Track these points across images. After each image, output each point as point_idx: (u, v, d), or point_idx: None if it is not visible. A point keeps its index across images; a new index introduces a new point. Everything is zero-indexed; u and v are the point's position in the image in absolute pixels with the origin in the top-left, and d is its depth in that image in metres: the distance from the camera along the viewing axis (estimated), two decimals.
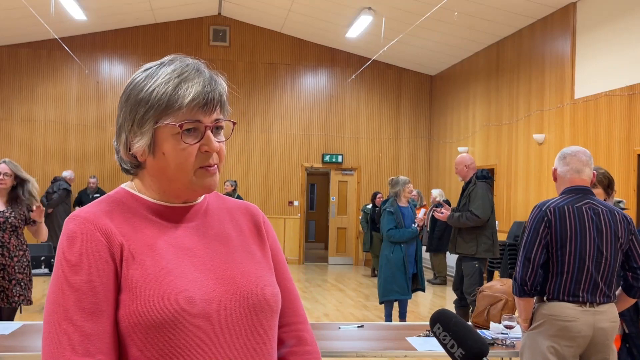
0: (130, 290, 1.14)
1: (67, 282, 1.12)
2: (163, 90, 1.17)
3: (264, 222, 1.38)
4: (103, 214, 1.19)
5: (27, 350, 3.19)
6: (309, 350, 1.35)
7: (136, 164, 1.24)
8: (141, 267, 1.16)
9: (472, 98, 12.08)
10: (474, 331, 1.33)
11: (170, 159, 1.19)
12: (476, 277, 6.24)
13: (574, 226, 3.01)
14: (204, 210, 1.30)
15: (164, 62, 1.23)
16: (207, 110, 1.19)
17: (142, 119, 1.19)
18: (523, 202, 9.95)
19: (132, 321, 1.12)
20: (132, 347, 1.13)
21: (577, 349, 2.99)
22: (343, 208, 13.91)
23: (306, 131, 13.68)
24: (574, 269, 2.99)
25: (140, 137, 1.20)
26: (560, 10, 9.12)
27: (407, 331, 3.84)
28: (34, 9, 9.91)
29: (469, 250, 6.29)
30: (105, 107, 13.02)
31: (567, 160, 3.18)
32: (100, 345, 1.10)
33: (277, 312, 1.28)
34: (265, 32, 13.48)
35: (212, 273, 1.20)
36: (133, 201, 1.24)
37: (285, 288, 1.35)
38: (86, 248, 1.14)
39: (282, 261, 1.38)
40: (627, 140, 7.66)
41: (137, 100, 1.19)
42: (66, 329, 1.09)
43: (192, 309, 1.13)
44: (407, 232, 6.41)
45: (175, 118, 1.17)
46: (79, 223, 1.16)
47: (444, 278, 10.89)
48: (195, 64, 1.23)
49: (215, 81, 1.22)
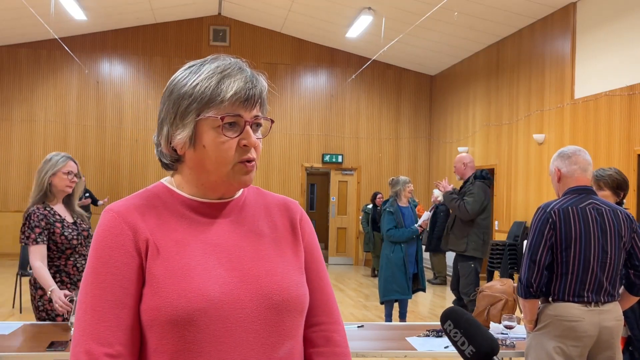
0: (152, 285, 1.17)
1: (95, 273, 1.18)
2: (206, 84, 1.20)
3: (301, 219, 1.38)
4: (134, 208, 1.23)
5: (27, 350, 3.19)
6: (337, 351, 1.33)
7: (175, 157, 1.27)
8: (164, 262, 1.18)
9: (472, 98, 12.08)
10: (484, 329, 1.33)
11: (210, 151, 1.21)
12: (472, 277, 6.24)
13: (579, 227, 3.01)
14: (240, 206, 1.31)
15: (207, 60, 1.26)
16: (248, 106, 1.22)
17: (185, 111, 1.22)
18: (523, 202, 9.95)
19: (150, 315, 1.15)
20: (151, 340, 1.17)
21: (584, 349, 3.00)
22: (343, 208, 13.91)
23: (306, 131, 13.68)
24: (579, 269, 2.99)
25: (182, 130, 1.22)
26: (560, 10, 9.12)
27: (407, 331, 3.84)
28: (34, 9, 9.91)
29: (459, 247, 6.31)
30: (105, 107, 13.02)
31: (573, 159, 3.15)
32: (119, 337, 1.15)
33: (302, 312, 1.27)
34: (265, 32, 13.48)
35: (236, 271, 1.21)
36: (169, 196, 1.27)
37: (318, 287, 1.34)
38: (114, 242, 1.18)
39: (318, 260, 1.37)
40: (627, 140, 7.66)
41: (181, 94, 1.22)
42: (90, 318, 1.15)
43: (209, 308, 1.15)
44: (407, 232, 6.41)
45: (217, 111, 1.20)
46: (110, 217, 1.21)
47: (444, 278, 10.89)
48: (237, 62, 1.26)
49: (257, 79, 1.25)
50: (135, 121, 13.10)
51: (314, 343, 1.32)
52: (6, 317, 7.13)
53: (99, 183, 12.81)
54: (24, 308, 7.62)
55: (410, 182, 6.70)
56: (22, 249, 7.81)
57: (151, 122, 13.13)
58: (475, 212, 6.23)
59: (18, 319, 6.88)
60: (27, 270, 7.60)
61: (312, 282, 1.33)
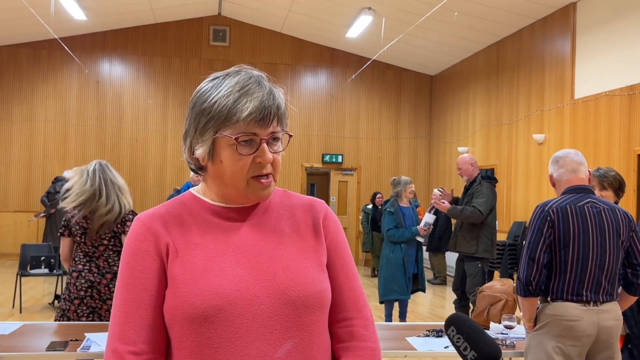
0: (172, 285, 1.24)
1: (122, 278, 1.27)
2: (224, 103, 1.24)
3: (325, 217, 1.39)
4: (159, 215, 1.31)
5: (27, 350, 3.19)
6: (362, 346, 1.34)
7: (199, 166, 1.33)
8: (183, 264, 1.25)
9: (472, 98, 12.08)
10: (487, 335, 1.33)
11: (227, 166, 1.27)
12: (479, 278, 6.24)
13: (577, 226, 3.01)
14: (264, 209, 1.35)
15: (230, 73, 1.30)
16: (263, 125, 1.25)
17: (204, 128, 1.27)
18: (523, 202, 9.95)
19: (170, 314, 1.23)
20: (173, 338, 1.25)
21: (583, 348, 2.99)
22: (343, 208, 13.91)
23: (306, 131, 13.68)
24: (577, 268, 2.99)
25: (202, 145, 1.28)
26: (560, 10, 9.12)
27: (407, 331, 3.84)
28: (34, 9, 9.91)
29: (469, 249, 6.29)
30: (105, 107, 13.02)
31: (561, 162, 3.19)
32: (143, 335, 1.23)
33: (321, 308, 1.29)
34: (265, 32, 13.48)
35: (254, 269, 1.25)
36: (195, 203, 1.34)
37: (344, 283, 1.36)
38: (137, 247, 1.28)
39: (345, 256, 1.39)
40: (627, 140, 7.66)
41: (201, 110, 1.27)
42: (118, 319, 1.25)
43: (223, 304, 1.20)
44: (407, 232, 6.41)
45: (233, 130, 1.24)
46: (135, 225, 1.31)
47: (444, 278, 10.88)
48: (257, 77, 1.29)
49: (274, 96, 1.28)
50: (135, 121, 13.10)
51: (340, 338, 1.34)
52: (6, 317, 7.13)
53: None
54: (24, 308, 7.61)
55: (411, 182, 6.70)
56: (22, 249, 7.82)
57: (151, 122, 13.13)
58: (486, 213, 6.22)
59: (18, 319, 6.89)
60: (27, 270, 7.60)
61: (338, 278, 1.35)
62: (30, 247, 8.00)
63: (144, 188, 12.93)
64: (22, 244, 7.97)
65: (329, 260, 1.35)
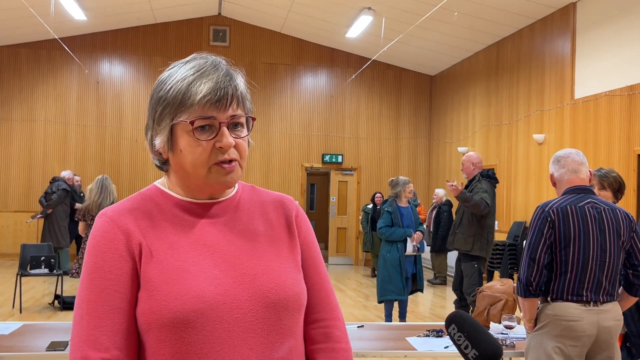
0: (147, 288, 1.16)
1: (90, 279, 1.17)
2: (178, 87, 1.19)
3: (297, 215, 1.35)
4: (127, 211, 1.22)
5: (27, 350, 3.19)
6: (337, 347, 1.31)
7: (162, 160, 1.27)
8: (158, 265, 1.17)
9: (472, 98, 12.08)
10: (488, 333, 1.33)
11: (187, 154, 1.20)
12: (475, 278, 6.26)
13: (577, 226, 3.01)
14: (234, 205, 1.29)
15: (187, 60, 1.24)
16: (221, 107, 1.19)
17: (160, 116, 1.21)
18: (523, 202, 9.95)
19: (147, 319, 1.15)
20: (148, 343, 1.16)
21: (583, 348, 2.99)
22: (343, 208, 13.91)
23: (306, 131, 13.68)
24: (578, 268, 2.99)
25: (160, 135, 1.22)
26: (560, 10, 9.12)
27: (407, 331, 3.84)
28: (34, 9, 9.91)
29: (465, 247, 6.32)
30: (105, 107, 13.02)
31: (562, 162, 3.19)
32: (116, 341, 1.14)
33: (300, 310, 1.25)
34: (265, 32, 13.48)
35: (232, 270, 1.20)
36: (162, 198, 1.26)
37: (316, 284, 1.32)
38: (107, 246, 1.18)
39: (315, 257, 1.35)
40: (627, 140, 7.66)
41: (158, 98, 1.22)
42: (86, 324, 1.14)
43: (205, 309, 1.14)
44: (399, 232, 6.41)
45: (189, 115, 1.18)
46: (103, 221, 1.21)
47: (444, 278, 10.89)
48: (214, 61, 1.23)
49: (231, 77, 1.22)
50: (135, 121, 13.10)
51: (314, 340, 1.31)
52: (6, 317, 7.13)
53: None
54: (24, 308, 7.61)
55: (410, 182, 6.71)
56: (22, 249, 7.82)
57: None
58: (491, 206, 6.27)
59: (18, 319, 6.89)
60: (27, 270, 7.60)
61: (311, 278, 1.31)
62: (30, 247, 7.99)
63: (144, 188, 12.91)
64: (22, 244, 7.96)
65: (302, 259, 1.31)
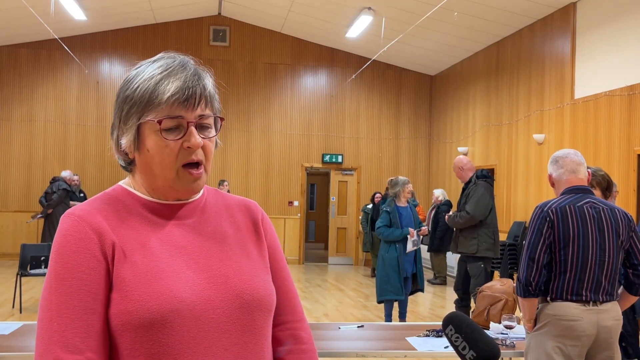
0: (121, 288, 1.14)
1: (59, 280, 1.13)
2: (145, 86, 1.18)
3: (263, 219, 1.37)
4: (97, 211, 1.20)
5: (27, 350, 3.19)
6: (305, 349, 1.33)
7: (128, 160, 1.25)
8: (132, 265, 1.16)
9: (472, 98, 12.08)
10: (485, 334, 1.33)
11: (154, 154, 1.19)
12: (482, 278, 6.26)
13: (576, 226, 3.02)
14: (201, 207, 1.29)
15: (155, 59, 1.24)
16: (189, 106, 1.18)
17: (127, 115, 1.20)
18: (523, 202, 9.95)
19: (121, 320, 1.12)
20: (122, 345, 1.14)
21: (582, 348, 3.00)
22: (343, 208, 13.91)
23: (306, 131, 13.68)
24: (577, 268, 3.00)
25: (126, 134, 1.21)
26: (560, 10, 9.12)
27: (407, 331, 3.84)
28: (34, 9, 9.91)
29: (470, 249, 6.31)
30: (105, 107, 13.02)
31: (560, 163, 3.20)
32: (89, 343, 1.11)
33: (271, 311, 1.27)
34: (265, 32, 13.48)
35: (205, 272, 1.20)
36: (129, 198, 1.25)
37: (282, 286, 1.34)
38: (78, 246, 1.15)
39: (280, 259, 1.37)
40: (627, 140, 7.66)
41: (124, 97, 1.21)
42: (57, 326, 1.10)
43: (181, 309, 1.13)
44: (396, 232, 6.41)
45: (157, 114, 1.18)
46: (72, 221, 1.17)
47: (444, 278, 10.89)
48: (182, 60, 1.22)
49: (199, 76, 1.21)
50: None
51: (281, 341, 1.32)
52: (6, 317, 7.13)
53: (99, 183, 12.81)
54: (24, 308, 7.62)
55: (409, 182, 6.71)
56: (22, 249, 7.82)
57: None
58: (480, 213, 6.24)
59: (18, 319, 6.89)
60: (27, 270, 7.60)
61: (276, 281, 1.33)
62: (30, 247, 8.00)
63: None
64: (22, 244, 7.96)
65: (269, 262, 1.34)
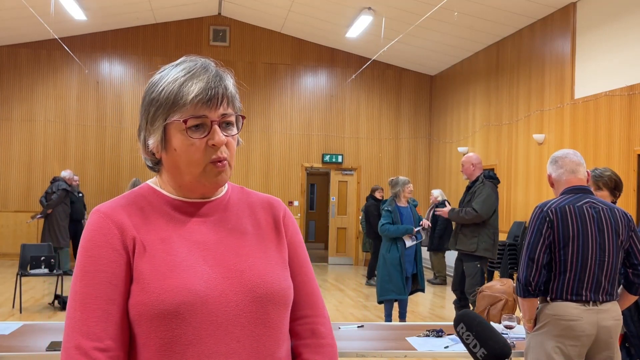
0: (139, 281, 1.21)
1: (84, 271, 1.22)
2: (170, 88, 1.25)
3: (285, 216, 1.41)
4: (121, 208, 1.28)
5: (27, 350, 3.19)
6: (323, 343, 1.36)
7: (155, 160, 1.33)
8: (151, 259, 1.23)
9: (472, 98, 12.08)
10: (496, 332, 1.34)
11: (181, 153, 1.26)
12: (478, 278, 6.25)
13: (576, 226, 3.02)
14: (224, 204, 1.35)
15: (177, 62, 1.30)
16: (212, 106, 1.24)
17: (154, 116, 1.27)
18: (523, 202, 9.95)
19: (138, 311, 1.20)
20: (138, 334, 1.21)
21: (582, 348, 3.00)
22: (343, 208, 13.91)
23: (306, 131, 13.68)
24: (577, 268, 3.00)
25: (153, 134, 1.28)
26: (560, 10, 9.12)
27: (407, 331, 3.84)
28: (34, 9, 9.91)
29: (469, 247, 6.30)
30: (105, 107, 13.02)
31: (560, 163, 3.20)
32: (109, 331, 1.19)
33: (287, 306, 1.30)
34: (265, 32, 13.48)
35: (221, 267, 1.25)
36: (154, 196, 1.32)
37: (302, 281, 1.38)
38: (102, 240, 1.23)
39: (301, 255, 1.40)
40: (627, 140, 7.66)
41: (150, 100, 1.28)
42: (80, 315, 1.19)
43: (194, 302, 1.19)
44: (401, 228, 6.43)
45: (182, 114, 1.24)
46: (97, 217, 1.26)
47: (444, 278, 10.89)
48: (203, 63, 1.29)
49: (221, 77, 1.28)
50: (135, 121, 13.09)
51: (300, 335, 1.36)
52: (6, 317, 7.13)
53: (99, 183, 12.81)
54: (24, 308, 7.62)
55: (409, 182, 6.71)
56: (22, 249, 7.82)
57: None
58: (486, 212, 6.23)
59: (18, 319, 6.89)
60: (27, 270, 7.60)
61: (297, 276, 1.37)
62: (30, 247, 8.00)
63: None
64: (22, 244, 7.96)
65: (289, 258, 1.37)
